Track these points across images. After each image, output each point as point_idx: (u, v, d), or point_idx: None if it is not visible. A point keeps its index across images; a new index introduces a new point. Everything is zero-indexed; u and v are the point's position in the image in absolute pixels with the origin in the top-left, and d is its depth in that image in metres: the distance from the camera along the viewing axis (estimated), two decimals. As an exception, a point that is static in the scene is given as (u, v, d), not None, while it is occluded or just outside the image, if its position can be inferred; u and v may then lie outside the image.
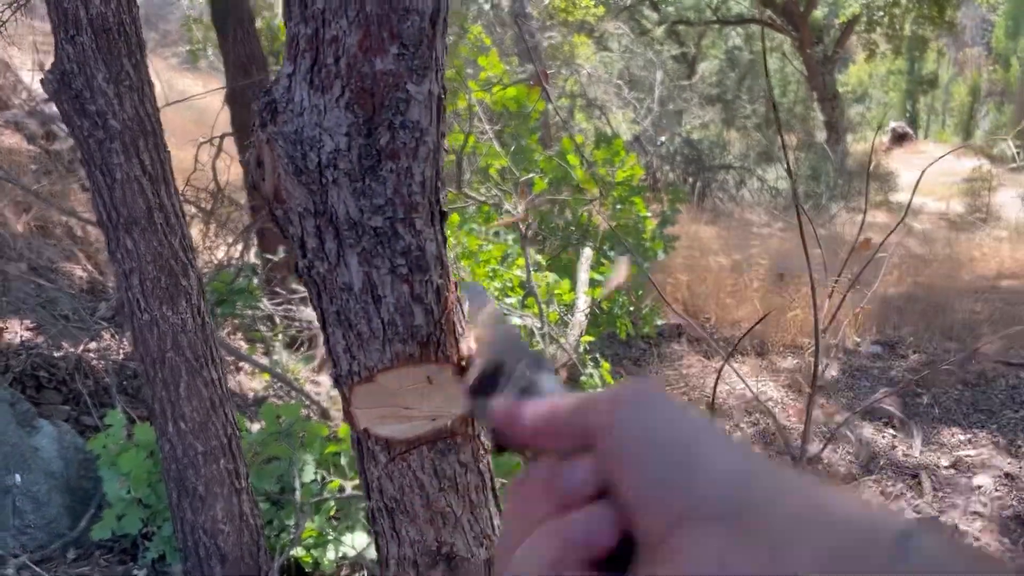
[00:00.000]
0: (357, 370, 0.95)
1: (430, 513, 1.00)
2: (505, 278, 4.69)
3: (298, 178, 0.85)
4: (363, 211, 0.86)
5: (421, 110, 0.85)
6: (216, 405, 2.41)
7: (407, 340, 0.93)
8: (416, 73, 0.83)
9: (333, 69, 0.82)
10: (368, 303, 0.91)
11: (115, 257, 2.23)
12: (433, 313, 0.94)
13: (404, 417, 0.96)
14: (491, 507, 1.06)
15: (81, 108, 2.07)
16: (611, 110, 12.57)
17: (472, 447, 1.01)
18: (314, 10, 0.81)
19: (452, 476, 0.99)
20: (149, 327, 2.28)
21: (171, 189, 2.26)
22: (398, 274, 0.90)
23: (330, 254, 0.89)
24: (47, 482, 2.91)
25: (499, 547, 0.42)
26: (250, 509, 2.55)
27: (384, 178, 0.86)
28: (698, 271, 7.06)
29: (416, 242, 0.90)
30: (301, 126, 0.84)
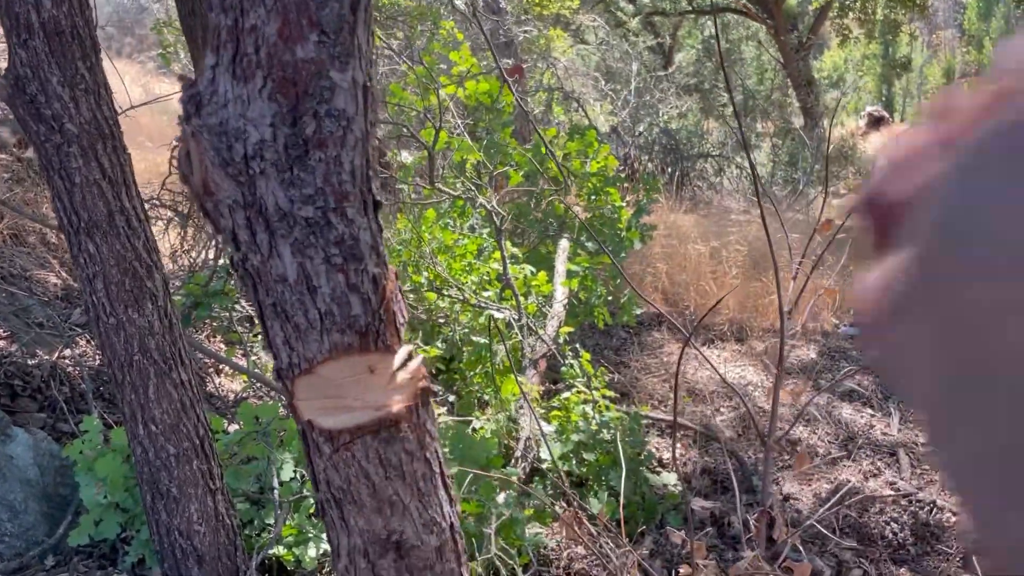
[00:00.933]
0: (297, 362, 0.95)
1: (378, 502, 1.00)
2: (482, 272, 4.69)
3: (225, 170, 0.85)
4: (293, 201, 0.86)
5: (347, 98, 0.85)
6: (187, 407, 2.41)
7: (345, 330, 0.93)
8: (339, 60, 0.83)
9: (254, 59, 0.82)
10: (304, 294, 0.91)
11: (78, 262, 2.22)
12: (371, 302, 0.94)
13: (347, 408, 0.97)
14: (440, 494, 1.06)
15: (37, 113, 2.06)
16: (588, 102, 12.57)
17: (417, 435, 1.01)
18: (232, 0, 0.81)
19: (398, 464, 1.00)
20: (115, 331, 2.27)
21: (132, 191, 2.25)
22: (332, 264, 0.90)
23: (262, 246, 0.89)
24: (23, 490, 2.90)
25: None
26: (226, 509, 2.55)
27: (312, 167, 0.86)
28: (677, 259, 7.08)
29: (349, 231, 0.90)
30: (226, 117, 0.83)
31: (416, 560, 1.04)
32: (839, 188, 12.83)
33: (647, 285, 6.78)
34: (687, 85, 15.18)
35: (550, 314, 4.84)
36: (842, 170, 13.21)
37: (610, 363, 5.55)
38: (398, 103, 5.01)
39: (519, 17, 11.73)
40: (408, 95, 5.06)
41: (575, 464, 4.00)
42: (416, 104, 4.78)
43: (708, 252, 7.01)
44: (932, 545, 3.68)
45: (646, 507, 3.84)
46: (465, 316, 4.69)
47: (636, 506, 3.83)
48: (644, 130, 11.93)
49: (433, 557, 1.05)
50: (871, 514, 3.90)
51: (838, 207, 6.11)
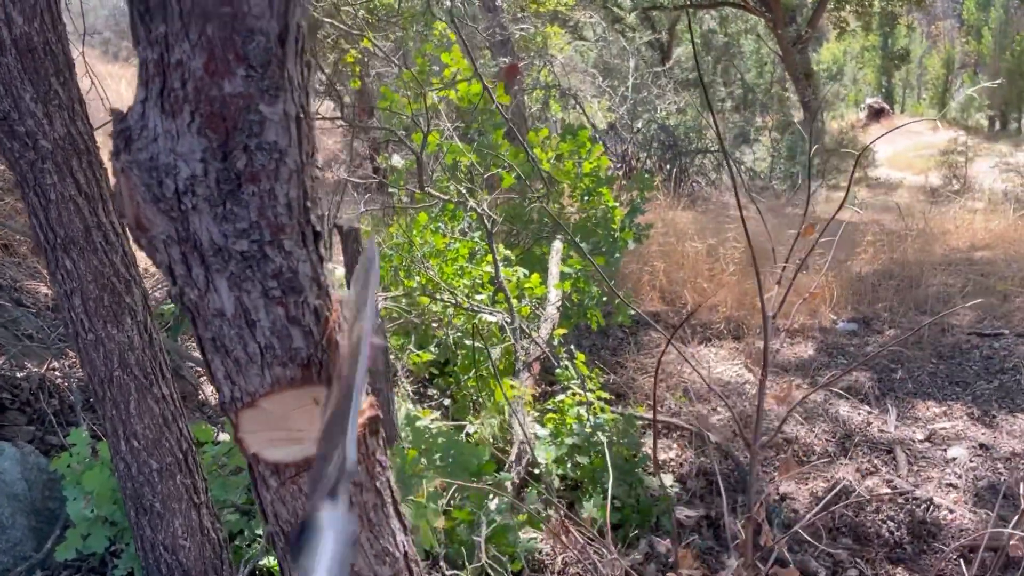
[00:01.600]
0: (239, 396, 0.93)
1: (327, 534, 0.99)
2: (474, 275, 4.68)
3: (156, 206, 0.84)
4: (227, 236, 0.85)
5: (278, 131, 0.83)
6: (169, 421, 2.40)
7: (287, 363, 0.92)
8: (268, 94, 0.81)
9: (181, 93, 0.80)
10: (243, 328, 0.90)
11: (55, 278, 2.21)
12: (313, 334, 0.92)
13: (293, 440, 0.95)
14: (392, 523, 1.05)
15: (10, 130, 2.05)
16: (586, 99, 12.54)
17: (366, 466, 1.00)
18: (157, 34, 0.79)
19: (347, 496, 0.98)
20: (95, 347, 2.26)
21: (109, 207, 2.24)
22: (271, 297, 0.89)
23: (199, 280, 0.88)
24: (10, 505, 2.89)
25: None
26: (211, 523, 2.54)
27: (246, 201, 0.84)
28: (675, 257, 7.06)
29: (287, 264, 0.89)
30: (156, 152, 0.82)
31: (369, 591, 1.03)
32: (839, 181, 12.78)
33: (645, 283, 6.76)
34: (685, 80, 15.14)
35: (544, 316, 4.83)
36: (842, 163, 13.16)
37: (606, 364, 5.53)
38: (389, 107, 4.99)
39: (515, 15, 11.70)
40: (399, 98, 5.05)
41: (569, 468, 3.99)
42: (406, 108, 4.76)
43: (705, 250, 6.99)
44: (929, 543, 3.66)
45: (641, 510, 3.82)
46: (458, 320, 4.68)
47: (631, 509, 3.81)
48: (642, 126, 11.89)
49: (387, 588, 1.04)
50: (867, 513, 3.88)
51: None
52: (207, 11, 0.77)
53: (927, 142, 16.86)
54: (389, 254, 4.70)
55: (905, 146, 17.95)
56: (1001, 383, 5.02)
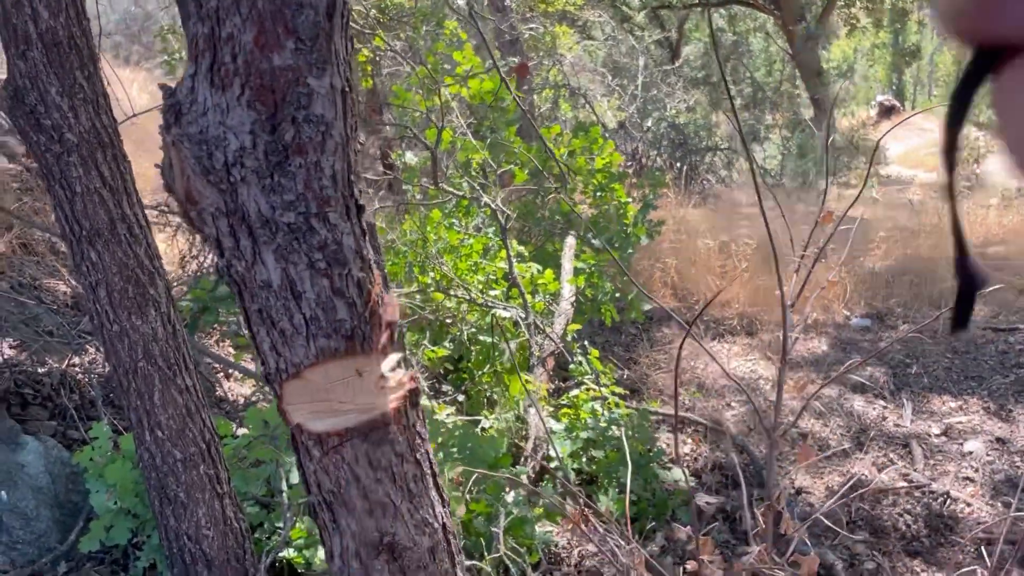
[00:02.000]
0: (284, 367, 0.95)
1: (368, 504, 1.01)
2: (488, 271, 4.69)
3: (206, 178, 0.85)
4: (274, 208, 0.87)
5: (325, 104, 0.85)
6: (192, 412, 2.42)
7: (331, 335, 0.94)
8: (316, 67, 0.83)
9: (232, 67, 0.82)
10: (288, 299, 0.91)
11: (80, 270, 2.23)
12: (356, 306, 0.94)
13: (336, 411, 0.97)
14: (431, 495, 1.06)
15: (36, 123, 2.08)
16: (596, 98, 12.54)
17: (407, 437, 1.01)
18: (208, 8, 0.81)
19: (388, 467, 1.00)
20: (119, 338, 2.28)
21: (133, 199, 2.27)
22: (316, 269, 0.91)
23: (246, 252, 0.89)
24: (35, 497, 2.92)
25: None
26: (233, 513, 2.56)
27: (293, 173, 0.86)
28: (686, 254, 7.06)
29: (332, 236, 0.90)
30: (205, 126, 0.84)
31: (409, 561, 1.04)
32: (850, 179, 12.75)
33: (656, 280, 6.77)
34: (695, 78, 15.13)
35: (557, 312, 4.84)
36: (852, 160, 13.12)
37: (620, 359, 5.54)
38: (402, 105, 5.01)
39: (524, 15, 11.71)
40: (411, 96, 5.07)
41: (584, 462, 4.00)
42: (420, 105, 4.78)
43: (717, 246, 6.99)
44: (946, 536, 3.66)
45: (656, 503, 3.83)
46: (472, 315, 4.69)
47: (646, 502, 3.82)
48: (652, 125, 11.89)
49: (426, 558, 1.05)
50: (884, 506, 3.87)
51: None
52: (258, -15, 0.79)
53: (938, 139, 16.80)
54: (404, 250, 4.72)
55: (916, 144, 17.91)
56: (1017, 377, 5.00)
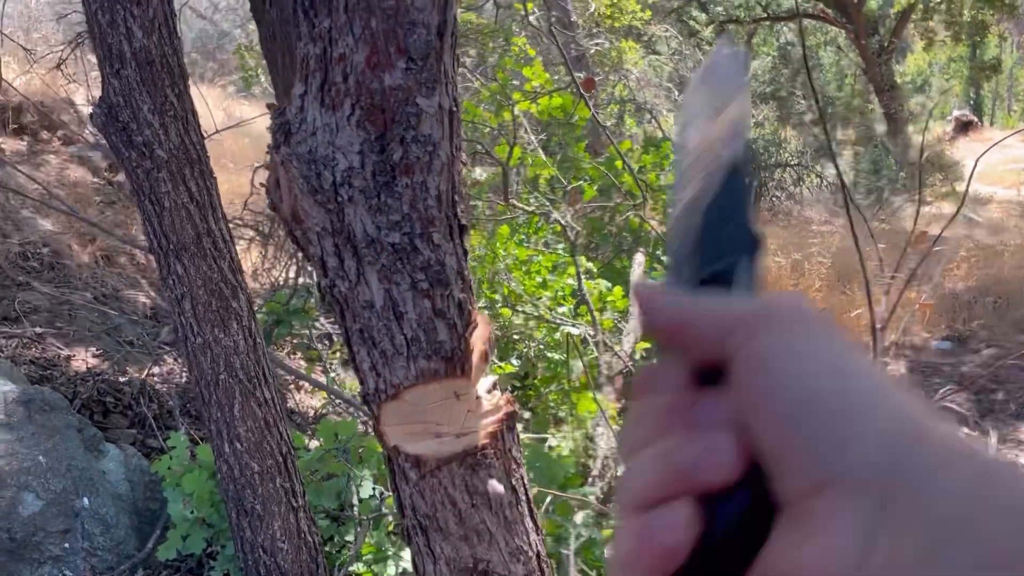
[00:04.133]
0: (384, 388, 0.94)
1: (464, 530, 0.99)
2: (556, 287, 4.67)
3: (314, 197, 0.85)
4: (380, 228, 0.86)
5: (433, 124, 0.84)
6: (270, 424, 2.45)
7: (431, 356, 0.92)
8: (425, 87, 0.82)
9: (343, 87, 0.82)
10: (390, 320, 0.90)
11: (167, 283, 2.28)
12: (456, 328, 0.93)
13: (434, 433, 0.96)
14: (527, 522, 1.04)
15: (128, 139, 2.13)
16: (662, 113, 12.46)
17: (503, 463, 0.99)
18: (321, 29, 0.81)
19: (484, 492, 0.98)
20: (202, 350, 2.32)
21: (219, 214, 2.31)
22: (419, 289, 0.89)
23: (350, 272, 0.89)
24: (115, 504, 2.99)
25: (623, 441, 0.39)
26: (307, 526, 2.58)
27: (399, 194, 0.85)
28: (757, 272, 6.91)
29: (435, 256, 0.89)
30: (315, 145, 0.84)
31: (503, 590, 1.02)
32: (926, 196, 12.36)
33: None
34: (763, 93, 14.90)
35: (626, 330, 4.78)
36: (929, 177, 12.74)
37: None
38: (472, 120, 5.04)
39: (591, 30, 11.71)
40: (482, 112, 5.09)
41: (654, 483, 3.92)
42: (490, 121, 4.80)
43: (789, 265, 6.84)
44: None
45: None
46: (540, 332, 4.67)
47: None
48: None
49: (520, 587, 1.03)
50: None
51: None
52: (372, 4, 0.78)
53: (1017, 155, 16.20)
54: (472, 266, 4.73)
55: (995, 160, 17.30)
56: (1111, 406, 4.76)
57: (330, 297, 0.92)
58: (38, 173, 5.70)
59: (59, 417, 3.00)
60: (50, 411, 2.98)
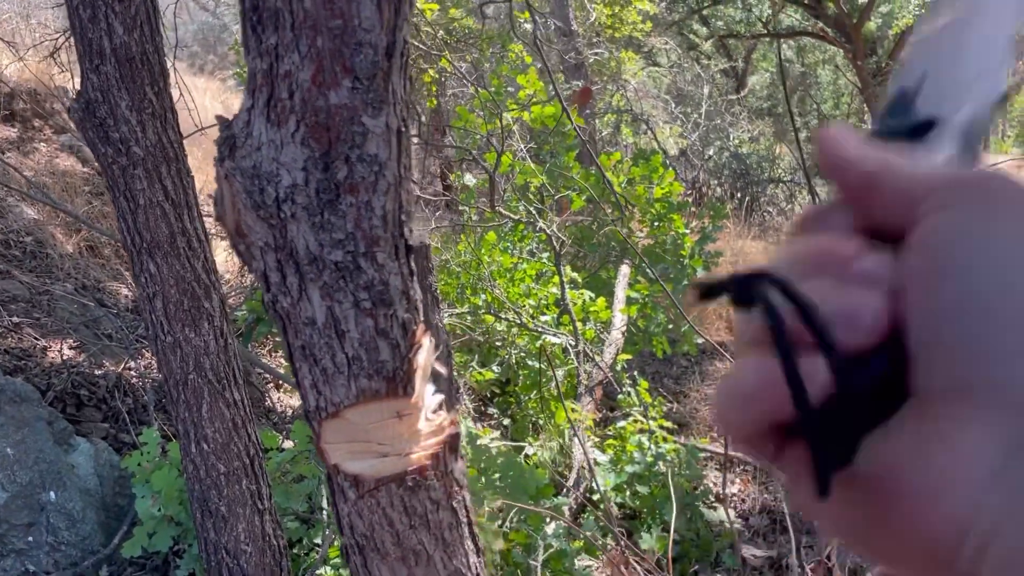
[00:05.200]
0: (324, 405, 0.93)
1: (401, 551, 0.98)
2: (540, 296, 4.67)
3: (257, 213, 0.84)
4: (323, 245, 0.85)
5: (379, 143, 0.84)
6: (239, 426, 2.43)
7: (373, 376, 0.92)
8: (372, 106, 0.82)
9: (288, 104, 0.81)
10: (332, 338, 0.90)
11: (139, 281, 2.27)
12: (400, 348, 0.92)
13: (376, 453, 0.95)
14: (467, 544, 1.03)
15: (105, 135, 2.12)
16: (658, 125, 12.48)
17: (444, 484, 0.99)
18: (268, 45, 0.80)
19: (423, 513, 0.97)
20: (172, 349, 2.31)
21: (194, 213, 2.30)
22: (361, 308, 0.89)
23: (292, 288, 0.88)
24: (82, 499, 2.97)
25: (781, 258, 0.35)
26: (273, 529, 2.57)
27: (343, 212, 0.85)
28: (743, 288, 6.92)
29: (379, 276, 0.88)
30: (259, 160, 0.83)
31: (440, 612, 1.01)
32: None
33: (712, 313, 6.66)
34: (760, 109, 14.95)
35: (608, 341, 4.78)
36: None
37: (669, 392, 5.45)
38: (463, 126, 5.04)
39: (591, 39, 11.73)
40: (474, 118, 5.09)
41: (628, 496, 3.93)
42: (481, 128, 4.80)
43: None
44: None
45: (701, 544, 3.73)
46: (522, 339, 4.67)
47: (690, 543, 3.73)
48: (714, 154, 11.77)
49: (458, 610, 1.02)
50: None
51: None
52: (318, 23, 0.78)
53: (1011, 181, 16.28)
54: (457, 271, 4.72)
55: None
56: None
57: (272, 312, 0.91)
58: (27, 161, 5.68)
59: (29, 409, 2.98)
60: (20, 402, 2.96)
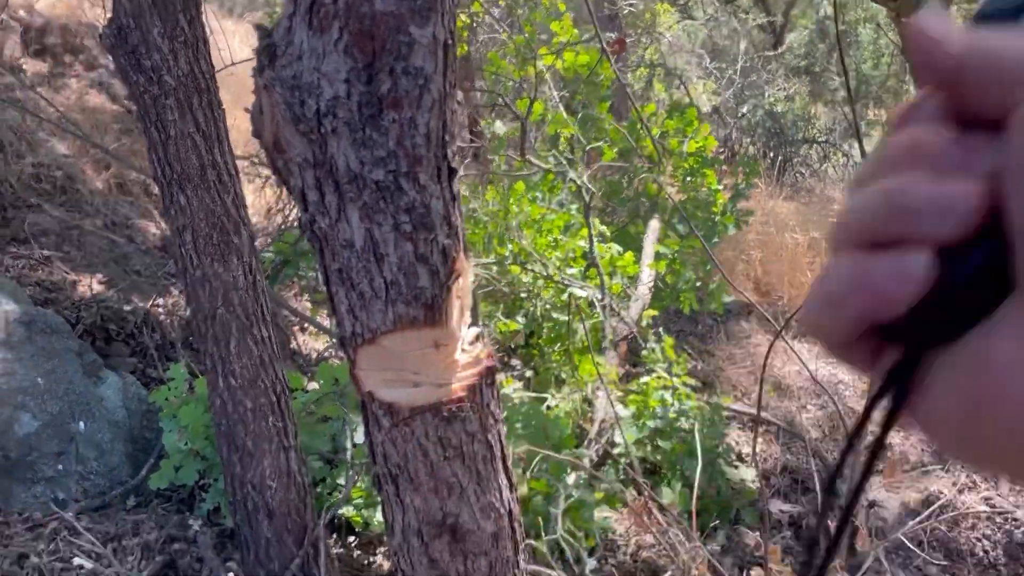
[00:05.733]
0: (360, 331, 0.91)
1: (434, 482, 0.96)
2: (567, 248, 4.62)
3: (296, 126, 0.81)
4: (364, 163, 0.82)
5: (425, 55, 0.80)
6: (266, 363, 2.43)
7: (411, 302, 0.89)
8: (419, 15, 0.78)
9: (331, 9, 0.77)
10: (370, 261, 0.87)
11: (169, 213, 2.26)
12: (439, 275, 0.89)
13: (410, 382, 0.93)
14: (500, 479, 1.01)
15: (137, 63, 2.09)
16: (691, 80, 12.24)
17: (480, 416, 0.96)
18: (311, -54, 0.76)
19: (458, 445, 0.95)
20: (201, 283, 2.31)
21: (225, 147, 2.27)
22: (401, 231, 0.86)
23: (331, 208, 0.85)
24: (111, 431, 3.01)
25: (859, 172, 0.35)
26: (298, 467, 2.58)
27: (386, 128, 0.81)
28: (772, 248, 6.83)
29: (420, 198, 0.85)
30: (300, 71, 0.79)
31: (471, 545, 1.00)
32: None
33: (739, 272, 6.58)
34: (797, 67, 14.61)
35: (634, 296, 4.74)
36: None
37: (694, 350, 5.41)
38: (495, 72, 4.95)
39: (625, -10, 11.46)
40: (506, 64, 5.00)
41: (649, 451, 3.92)
42: (513, 74, 4.71)
43: (806, 242, 6.74)
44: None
45: (720, 501, 3.73)
46: (547, 292, 4.63)
47: (710, 499, 3.72)
48: (748, 111, 11.55)
49: (488, 543, 1.01)
50: (962, 529, 3.69)
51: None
52: (366, -78, 0.74)
53: None
54: (484, 220, 4.68)
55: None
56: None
57: (309, 233, 0.88)
58: (58, 97, 5.67)
59: (60, 340, 3.00)
60: (51, 334, 2.98)
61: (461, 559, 0.99)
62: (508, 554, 1.03)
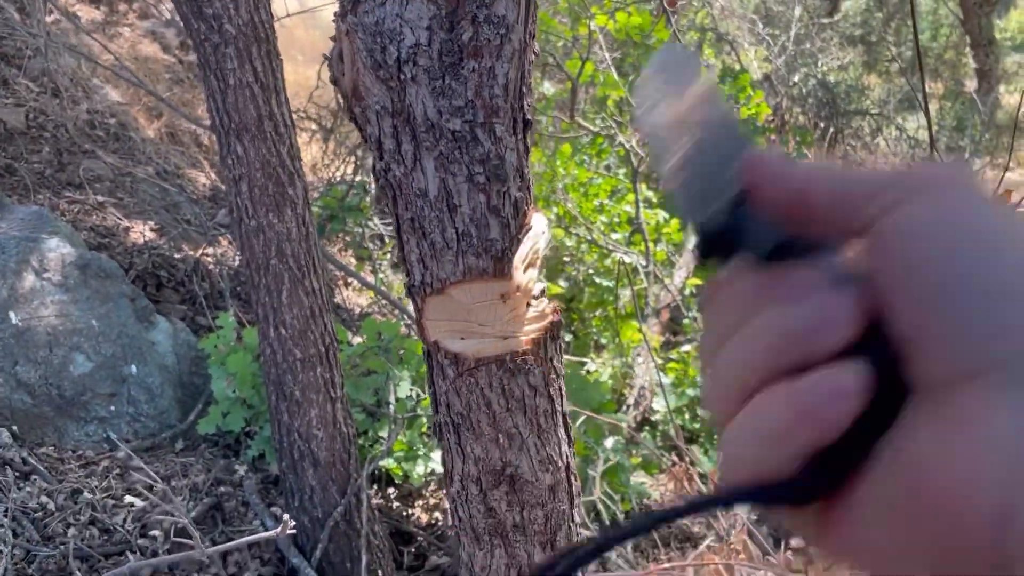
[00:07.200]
0: (430, 281, 0.92)
1: (496, 432, 0.97)
2: (613, 213, 4.60)
3: (376, 73, 0.81)
4: (442, 112, 0.82)
5: (508, 4, 0.79)
6: (316, 314, 2.47)
7: (481, 254, 0.89)
8: (504, -37, 0.77)
9: (417, -45, 0.77)
10: (443, 211, 0.87)
11: (225, 163, 2.28)
12: (510, 228, 0.89)
13: (476, 333, 0.93)
14: (559, 432, 1.02)
15: (198, 10, 2.10)
16: (743, 46, 11.99)
17: (544, 370, 0.97)
18: None
19: (520, 397, 0.96)
20: (255, 233, 2.34)
21: (282, 98, 2.28)
22: (475, 182, 0.86)
23: (406, 156, 0.85)
24: (161, 375, 3.08)
25: (703, 344, 0.36)
26: (344, 418, 2.63)
27: (465, 78, 0.81)
28: (820, 220, 6.71)
29: (496, 150, 0.85)
30: (382, 16, 0.79)
31: (528, 496, 1.01)
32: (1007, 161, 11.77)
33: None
34: (852, 36, 14.22)
35: (679, 264, 4.71)
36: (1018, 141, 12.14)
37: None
38: (545, 30, 4.89)
39: (679, -48, 11.21)
40: (556, 23, 4.94)
41: (688, 419, 3.92)
42: (565, 33, 4.65)
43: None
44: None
45: (758, 471, 3.73)
46: (591, 256, 4.62)
47: (747, 469, 3.72)
48: (799, 80, 11.29)
49: (546, 495, 1.02)
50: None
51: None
52: None
53: None
54: (530, 182, 4.67)
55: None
56: None
57: (383, 181, 0.89)
58: (111, 45, 5.73)
59: (114, 285, 3.07)
60: (105, 278, 3.05)
61: (518, 509, 1.01)
62: (564, 507, 1.04)
